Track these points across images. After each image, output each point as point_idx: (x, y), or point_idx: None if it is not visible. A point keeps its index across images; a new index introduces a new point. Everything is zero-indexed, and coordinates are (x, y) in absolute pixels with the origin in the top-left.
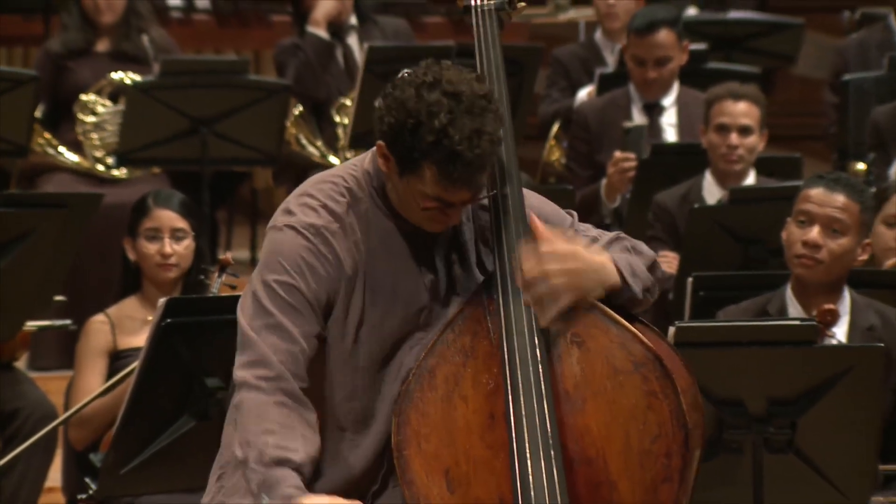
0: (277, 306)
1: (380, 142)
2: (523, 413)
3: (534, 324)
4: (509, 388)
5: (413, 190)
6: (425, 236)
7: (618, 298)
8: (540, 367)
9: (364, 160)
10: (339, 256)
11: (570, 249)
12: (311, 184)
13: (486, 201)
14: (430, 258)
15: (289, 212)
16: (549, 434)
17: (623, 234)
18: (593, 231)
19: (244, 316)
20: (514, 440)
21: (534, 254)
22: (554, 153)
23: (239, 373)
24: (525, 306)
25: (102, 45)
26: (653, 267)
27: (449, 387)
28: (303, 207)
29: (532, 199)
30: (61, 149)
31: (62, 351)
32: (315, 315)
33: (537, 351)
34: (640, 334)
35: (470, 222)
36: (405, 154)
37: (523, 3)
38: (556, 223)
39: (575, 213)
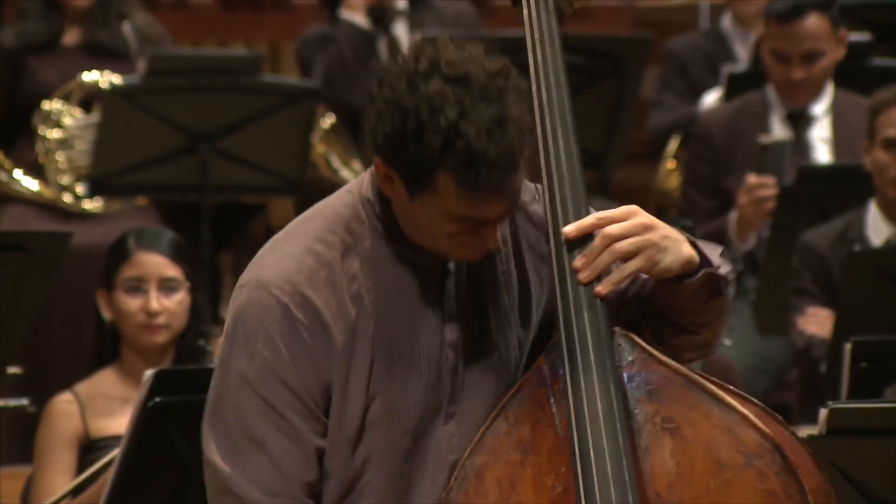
0: (256, 412)
1: (377, 158)
2: None
3: (614, 406)
4: (582, 492)
5: (431, 213)
6: (451, 272)
7: (692, 279)
8: (624, 462)
9: (361, 184)
10: (324, 322)
11: (632, 208)
12: (294, 224)
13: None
14: (458, 300)
15: (259, 263)
16: None
17: None
18: None
19: (212, 434)
20: None
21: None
22: (672, 179)
23: None
24: (602, 384)
25: (71, 37)
26: (724, 256)
27: (503, 492)
28: (279, 256)
29: None
30: (17, 173)
31: (18, 439)
32: (304, 408)
33: (619, 440)
34: (752, 416)
35: (507, 246)
36: (412, 168)
37: None
38: None
39: None
